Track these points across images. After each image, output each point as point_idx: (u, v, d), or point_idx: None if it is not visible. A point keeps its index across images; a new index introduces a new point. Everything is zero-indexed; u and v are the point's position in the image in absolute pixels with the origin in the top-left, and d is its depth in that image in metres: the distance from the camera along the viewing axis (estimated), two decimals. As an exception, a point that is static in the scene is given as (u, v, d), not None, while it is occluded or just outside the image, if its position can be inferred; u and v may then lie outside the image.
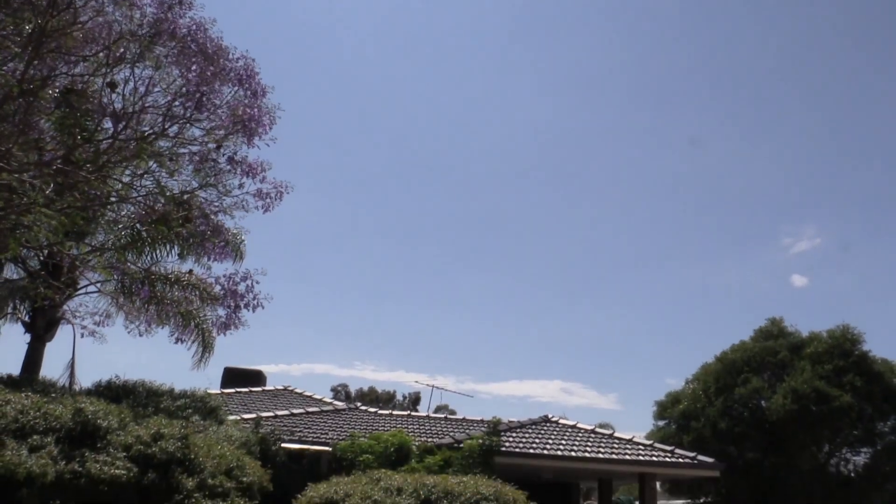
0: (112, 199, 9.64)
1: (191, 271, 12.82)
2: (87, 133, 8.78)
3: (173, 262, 14.40)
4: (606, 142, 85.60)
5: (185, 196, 9.14)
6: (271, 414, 18.11)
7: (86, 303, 15.37)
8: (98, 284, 14.65)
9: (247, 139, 8.87)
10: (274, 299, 9.86)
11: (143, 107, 8.47)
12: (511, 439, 17.18)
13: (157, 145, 8.68)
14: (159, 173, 9.21)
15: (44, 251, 13.40)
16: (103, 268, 10.56)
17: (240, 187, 9.22)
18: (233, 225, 10.51)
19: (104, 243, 13.03)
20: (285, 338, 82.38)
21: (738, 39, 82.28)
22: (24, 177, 7.42)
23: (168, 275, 14.01)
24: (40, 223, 7.60)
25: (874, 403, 27.21)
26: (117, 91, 8.36)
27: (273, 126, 8.97)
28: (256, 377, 25.31)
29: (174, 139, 8.78)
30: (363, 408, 21.76)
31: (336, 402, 22.99)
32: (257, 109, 8.78)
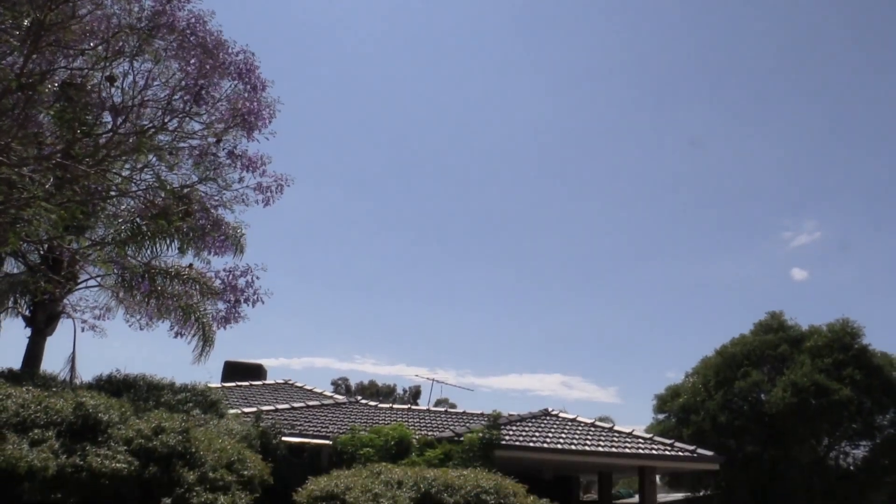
0: (112, 193, 9.64)
1: (191, 265, 12.82)
2: (86, 127, 8.78)
3: (173, 257, 14.42)
4: (606, 138, 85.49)
5: (184, 190, 9.11)
6: (272, 407, 18.16)
7: (86, 297, 15.40)
8: (98, 279, 14.66)
9: (246, 133, 8.85)
10: (274, 294, 9.82)
11: (142, 101, 8.44)
12: (511, 433, 17.22)
13: (156, 139, 8.65)
14: (159, 167, 9.20)
15: (44, 245, 13.43)
16: (103, 262, 10.57)
17: (240, 181, 9.19)
18: (233, 219, 10.53)
19: (104, 237, 13.04)
20: (286, 331, 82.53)
21: (738, 35, 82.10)
22: (23, 171, 7.41)
23: (168, 269, 14.02)
24: (40, 217, 7.61)
25: (874, 397, 27.22)
26: (116, 85, 8.32)
27: (273, 120, 8.94)
28: (257, 371, 25.33)
29: (174, 133, 8.74)
30: (363, 401, 21.78)
31: (336, 396, 23.04)
32: (257, 103, 8.75)
